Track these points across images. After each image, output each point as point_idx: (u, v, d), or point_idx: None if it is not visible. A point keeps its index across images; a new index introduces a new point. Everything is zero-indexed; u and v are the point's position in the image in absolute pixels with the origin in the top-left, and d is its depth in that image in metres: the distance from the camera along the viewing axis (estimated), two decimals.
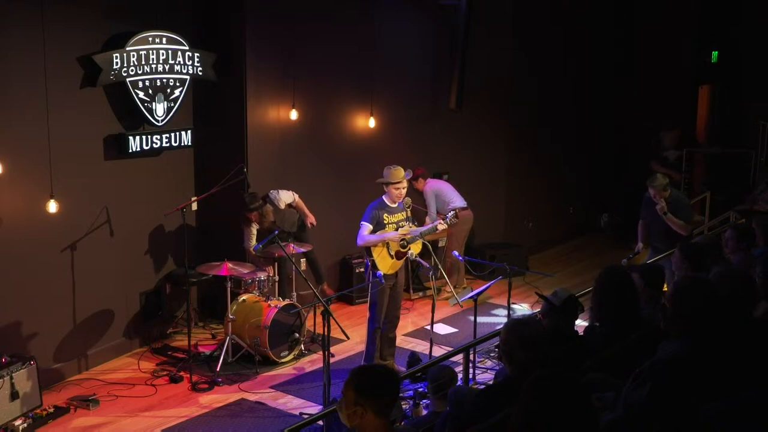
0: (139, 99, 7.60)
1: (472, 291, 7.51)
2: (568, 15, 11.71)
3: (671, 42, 12.71)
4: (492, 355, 7.64)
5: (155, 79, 7.70)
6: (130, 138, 7.67)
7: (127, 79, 7.44)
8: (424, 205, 9.64)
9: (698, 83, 13.21)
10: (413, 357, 7.63)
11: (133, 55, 7.43)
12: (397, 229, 7.22)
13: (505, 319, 8.82)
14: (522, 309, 9.23)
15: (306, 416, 5.88)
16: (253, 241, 8.27)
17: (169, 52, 7.77)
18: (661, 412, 2.93)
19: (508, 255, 10.17)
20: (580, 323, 5.33)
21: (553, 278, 9.64)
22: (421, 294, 9.81)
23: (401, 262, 7.35)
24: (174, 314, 8.52)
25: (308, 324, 8.19)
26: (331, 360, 6.61)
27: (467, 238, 10.01)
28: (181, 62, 7.90)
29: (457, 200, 9.56)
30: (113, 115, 7.59)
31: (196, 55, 8.01)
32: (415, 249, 7.37)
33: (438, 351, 7.68)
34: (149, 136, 7.83)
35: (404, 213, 7.36)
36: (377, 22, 9.47)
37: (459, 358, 6.20)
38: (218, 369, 7.55)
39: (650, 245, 8.54)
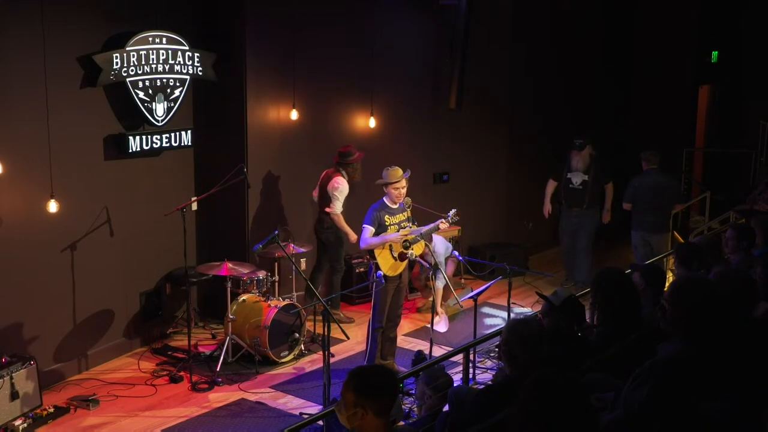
0: (139, 99, 7.60)
1: (472, 291, 7.51)
2: (568, 15, 11.71)
3: (671, 42, 12.72)
4: (492, 355, 7.64)
5: (155, 79, 7.70)
6: (130, 138, 7.67)
7: (127, 79, 7.43)
8: (424, 205, 9.58)
9: (698, 83, 13.22)
10: (419, 355, 7.62)
11: (133, 55, 7.43)
12: (399, 230, 7.22)
13: (504, 319, 8.83)
14: (523, 310, 9.23)
15: (306, 416, 5.88)
16: (339, 206, 8.45)
17: (169, 52, 7.77)
18: (661, 412, 2.94)
19: (508, 255, 10.17)
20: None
21: (553, 278, 9.65)
22: (419, 294, 9.81)
23: (404, 263, 7.35)
24: (174, 314, 8.52)
25: (308, 324, 8.19)
26: (331, 360, 6.61)
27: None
28: (181, 62, 7.90)
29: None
30: (113, 115, 7.59)
31: (196, 55, 8.01)
32: (417, 250, 7.37)
33: (438, 351, 7.68)
34: (149, 136, 7.83)
35: (405, 213, 7.35)
36: (377, 22, 9.47)
37: (459, 358, 6.20)
38: (218, 369, 7.55)
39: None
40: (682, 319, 3.68)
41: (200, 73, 8.09)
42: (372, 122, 9.44)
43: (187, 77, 8.00)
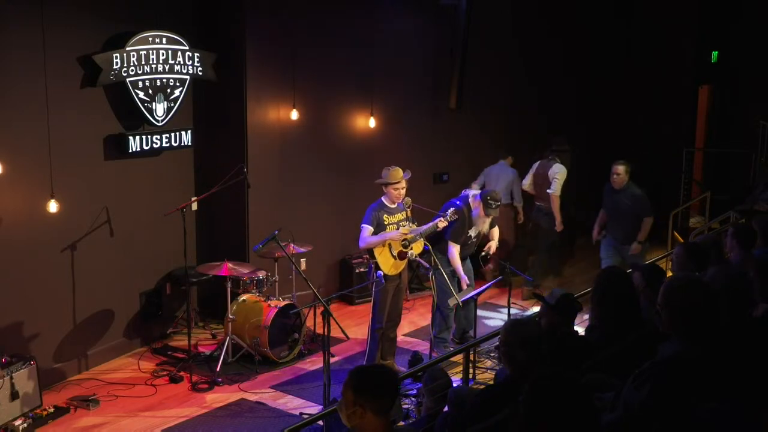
0: (139, 99, 7.60)
1: (472, 291, 7.50)
2: (567, 14, 11.70)
3: (671, 42, 12.72)
4: (492, 355, 7.64)
5: (155, 79, 7.70)
6: (130, 138, 7.67)
7: (127, 79, 7.44)
8: (424, 205, 9.57)
9: (698, 83, 13.22)
10: (416, 356, 7.63)
11: (133, 55, 7.44)
12: (398, 229, 7.22)
13: (503, 319, 8.83)
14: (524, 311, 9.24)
15: (306, 416, 5.88)
16: (558, 188, 9.32)
17: (169, 52, 7.77)
18: (662, 413, 2.93)
19: (508, 255, 10.17)
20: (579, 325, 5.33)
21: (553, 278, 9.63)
22: (421, 294, 9.81)
23: (404, 262, 7.35)
24: (174, 314, 8.52)
25: (308, 323, 8.19)
26: (331, 360, 6.61)
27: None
28: (181, 62, 7.90)
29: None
30: (113, 115, 7.60)
31: (196, 55, 8.01)
32: (416, 249, 7.37)
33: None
34: (149, 136, 7.83)
35: (404, 213, 7.36)
36: (377, 22, 9.47)
37: (459, 358, 6.20)
38: (218, 369, 7.55)
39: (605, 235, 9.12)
40: (677, 320, 3.67)
41: (200, 73, 8.09)
42: (372, 122, 9.44)
43: (187, 77, 8.00)
